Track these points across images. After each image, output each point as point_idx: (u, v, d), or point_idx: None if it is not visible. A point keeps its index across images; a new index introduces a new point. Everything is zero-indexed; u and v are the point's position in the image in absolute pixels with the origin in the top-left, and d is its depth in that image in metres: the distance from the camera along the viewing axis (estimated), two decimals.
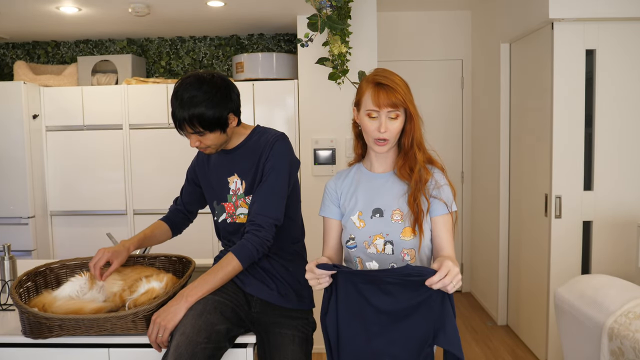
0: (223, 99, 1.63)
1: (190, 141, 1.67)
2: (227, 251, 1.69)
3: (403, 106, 1.47)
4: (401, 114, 1.49)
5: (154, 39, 4.19)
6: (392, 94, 1.45)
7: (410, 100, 1.49)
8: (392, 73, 1.52)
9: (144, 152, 3.64)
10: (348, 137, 3.48)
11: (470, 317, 4.12)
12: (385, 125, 1.47)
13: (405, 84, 1.51)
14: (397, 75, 1.52)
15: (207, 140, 1.66)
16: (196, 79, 1.63)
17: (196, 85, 1.61)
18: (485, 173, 4.24)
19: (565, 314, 2.13)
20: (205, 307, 1.56)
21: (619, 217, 3.10)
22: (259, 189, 1.68)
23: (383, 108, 1.47)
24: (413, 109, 1.49)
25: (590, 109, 3.09)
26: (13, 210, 3.57)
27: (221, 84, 1.65)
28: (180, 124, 1.62)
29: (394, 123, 1.48)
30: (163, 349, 1.51)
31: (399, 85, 1.48)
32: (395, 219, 1.51)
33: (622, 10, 2.92)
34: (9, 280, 2.04)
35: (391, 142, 1.51)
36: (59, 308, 1.57)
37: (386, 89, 1.46)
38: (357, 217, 1.55)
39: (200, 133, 1.63)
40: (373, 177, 1.58)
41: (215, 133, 1.65)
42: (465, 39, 4.52)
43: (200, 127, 1.61)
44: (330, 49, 2.49)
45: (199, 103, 1.59)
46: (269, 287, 1.73)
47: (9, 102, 3.50)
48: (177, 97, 1.62)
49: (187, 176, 1.93)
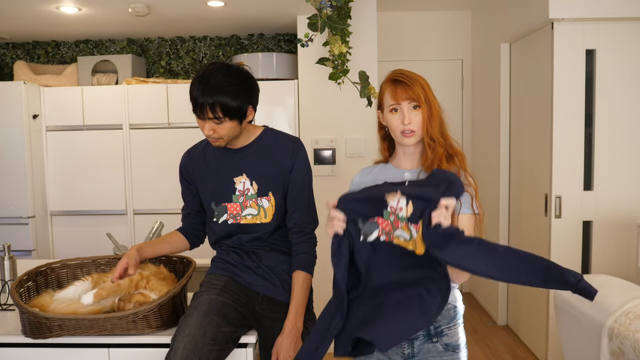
0: (247, 89, 1.66)
1: (205, 128, 1.64)
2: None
3: (421, 98, 1.50)
4: (423, 107, 1.50)
5: (154, 39, 4.19)
6: (409, 88, 1.49)
7: (428, 93, 1.51)
8: (409, 71, 1.55)
9: (144, 152, 3.64)
10: (348, 137, 3.48)
11: (470, 317, 4.12)
12: (408, 117, 1.50)
13: (423, 79, 1.53)
14: (414, 72, 1.55)
15: (223, 129, 1.64)
16: (224, 66, 1.65)
17: (224, 72, 1.63)
18: (485, 173, 4.24)
19: (565, 314, 2.14)
20: (210, 307, 1.57)
21: (619, 217, 3.10)
22: (297, 197, 1.74)
23: (402, 101, 1.50)
24: (433, 101, 1.51)
25: (590, 109, 3.09)
26: (13, 210, 3.57)
27: (247, 75, 1.69)
28: (201, 107, 1.60)
29: (417, 114, 1.50)
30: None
31: (415, 79, 1.51)
32: None
33: (622, 10, 2.92)
34: (9, 280, 2.04)
35: (417, 133, 1.51)
36: (57, 308, 1.56)
37: (403, 84, 1.51)
38: None
39: (219, 120, 1.62)
40: (400, 173, 1.58)
41: (233, 122, 1.65)
42: (465, 39, 4.52)
43: (220, 113, 1.61)
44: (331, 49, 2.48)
45: (225, 89, 1.60)
46: (274, 283, 1.74)
47: (9, 102, 3.50)
48: (202, 81, 1.61)
49: (181, 178, 1.88)
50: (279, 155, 1.75)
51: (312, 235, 1.77)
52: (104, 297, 1.63)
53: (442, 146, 1.51)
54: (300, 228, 1.74)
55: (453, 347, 1.50)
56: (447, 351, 1.49)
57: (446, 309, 1.50)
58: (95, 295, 1.62)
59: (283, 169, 1.74)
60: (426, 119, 1.49)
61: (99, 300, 1.62)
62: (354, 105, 3.36)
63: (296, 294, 1.68)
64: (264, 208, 1.74)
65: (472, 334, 3.79)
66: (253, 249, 1.76)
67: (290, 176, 1.75)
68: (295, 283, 1.70)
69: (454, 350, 1.49)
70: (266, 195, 1.73)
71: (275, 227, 1.75)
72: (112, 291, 1.65)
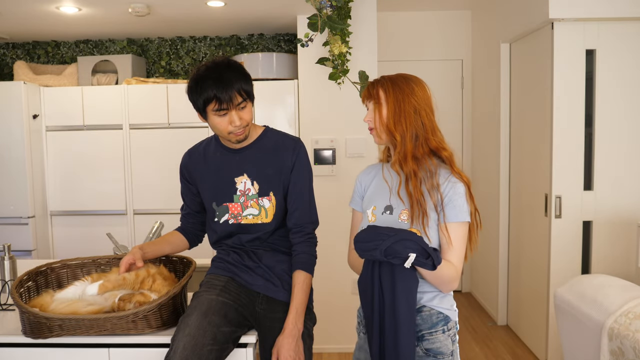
0: (247, 73, 1.73)
1: (233, 120, 1.65)
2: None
3: (378, 95, 1.55)
4: (377, 103, 1.55)
5: (154, 39, 4.19)
6: (372, 86, 1.58)
7: (390, 91, 1.53)
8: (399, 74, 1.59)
9: (144, 152, 3.64)
10: (348, 137, 3.48)
11: (470, 317, 4.12)
12: (369, 114, 1.58)
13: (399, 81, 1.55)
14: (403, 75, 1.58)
15: (247, 114, 1.69)
16: (223, 59, 1.70)
17: (224, 65, 1.67)
18: (485, 173, 4.24)
19: (565, 314, 2.13)
20: (210, 307, 1.57)
21: (619, 217, 3.10)
22: (297, 197, 1.75)
23: (365, 101, 1.60)
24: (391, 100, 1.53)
25: (590, 109, 3.09)
26: (13, 210, 3.57)
27: (240, 64, 1.75)
28: (230, 98, 1.63)
29: (370, 113, 1.58)
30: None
31: (385, 80, 1.57)
32: (402, 219, 1.51)
33: (622, 10, 2.92)
34: (9, 280, 2.04)
35: (377, 130, 1.57)
36: (57, 308, 1.56)
37: (370, 84, 1.60)
38: (372, 211, 1.58)
39: (245, 102, 1.67)
40: (391, 174, 1.60)
41: (250, 105, 1.71)
42: (465, 39, 4.52)
43: (245, 95, 1.67)
44: (331, 49, 2.49)
45: (238, 75, 1.66)
46: (274, 283, 1.74)
47: (9, 102, 3.50)
48: (216, 77, 1.63)
49: (181, 178, 1.88)
50: (280, 155, 1.75)
51: (313, 235, 1.77)
52: (109, 289, 1.63)
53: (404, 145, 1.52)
54: (301, 228, 1.75)
55: (435, 353, 1.49)
56: (427, 356, 1.49)
57: (428, 314, 1.50)
58: (100, 286, 1.62)
59: (284, 168, 1.74)
60: (382, 116, 1.54)
61: (104, 292, 1.62)
62: (354, 105, 3.36)
63: (296, 294, 1.68)
64: (265, 208, 1.74)
65: (472, 334, 3.79)
66: (253, 249, 1.76)
67: (290, 176, 1.75)
68: (296, 283, 1.70)
69: (435, 356, 1.49)
70: (267, 195, 1.74)
71: (275, 227, 1.76)
72: (117, 284, 1.64)
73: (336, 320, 3.42)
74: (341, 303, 3.45)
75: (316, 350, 2.77)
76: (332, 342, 3.50)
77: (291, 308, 1.67)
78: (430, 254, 1.35)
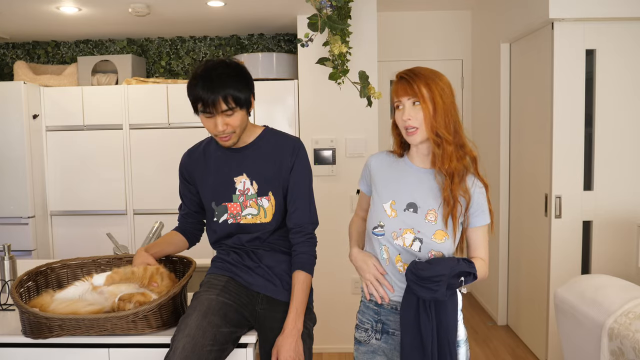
0: (247, 78, 1.70)
1: (217, 125, 1.64)
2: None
3: (423, 94, 1.47)
4: (424, 102, 1.47)
5: (154, 39, 4.19)
6: (409, 84, 1.49)
7: (433, 90, 1.47)
8: (421, 68, 1.53)
9: (144, 152, 3.64)
10: (348, 137, 3.48)
11: (470, 317, 4.12)
12: (408, 113, 1.49)
13: (432, 76, 1.50)
14: (426, 68, 1.53)
15: (236, 120, 1.65)
16: (220, 61, 1.68)
17: (223, 65, 1.65)
18: (485, 173, 4.24)
19: (565, 314, 2.13)
20: (210, 307, 1.57)
21: (619, 217, 3.10)
22: (297, 197, 1.74)
23: (402, 97, 1.50)
24: (438, 98, 1.47)
25: (590, 109, 3.09)
26: (13, 210, 3.57)
27: (242, 66, 1.72)
28: (213, 103, 1.60)
29: (418, 110, 1.48)
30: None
31: (420, 76, 1.49)
32: (429, 219, 1.51)
33: (622, 10, 2.92)
34: (9, 280, 2.04)
35: (421, 130, 1.49)
36: (57, 308, 1.56)
37: (404, 80, 1.51)
38: (390, 206, 1.56)
39: (232, 110, 1.63)
40: (414, 170, 1.58)
41: (242, 112, 1.67)
42: (465, 39, 4.52)
43: (233, 103, 1.62)
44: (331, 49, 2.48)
45: (231, 79, 1.62)
46: (274, 283, 1.74)
47: (9, 102, 3.50)
48: (205, 78, 1.61)
49: (181, 178, 1.88)
50: (279, 155, 1.75)
51: (312, 235, 1.77)
52: (117, 281, 1.63)
53: (450, 144, 1.49)
54: (301, 228, 1.74)
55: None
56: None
57: None
58: (107, 277, 1.63)
59: (283, 168, 1.74)
60: (429, 114, 1.47)
61: (110, 283, 1.62)
62: (354, 105, 3.36)
63: (296, 294, 1.68)
64: (264, 208, 1.74)
65: (472, 334, 3.79)
66: (253, 249, 1.76)
67: (290, 176, 1.75)
68: (296, 283, 1.70)
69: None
70: (266, 195, 1.74)
71: (275, 227, 1.76)
72: (125, 277, 1.65)
73: (336, 320, 3.42)
74: (341, 303, 3.45)
75: (316, 350, 2.77)
76: (332, 342, 3.50)
77: (291, 308, 1.67)
78: (467, 269, 1.41)
